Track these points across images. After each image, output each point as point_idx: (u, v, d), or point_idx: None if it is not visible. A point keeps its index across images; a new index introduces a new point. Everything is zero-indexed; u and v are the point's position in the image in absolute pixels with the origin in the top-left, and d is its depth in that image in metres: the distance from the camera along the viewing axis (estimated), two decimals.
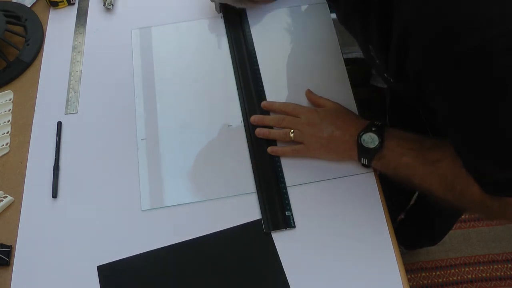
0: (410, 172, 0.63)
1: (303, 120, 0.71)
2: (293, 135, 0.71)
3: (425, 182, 0.61)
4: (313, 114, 0.72)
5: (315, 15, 0.88)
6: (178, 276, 0.66)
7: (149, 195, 0.72)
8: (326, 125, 0.69)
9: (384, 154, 0.65)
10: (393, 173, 0.65)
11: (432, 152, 0.61)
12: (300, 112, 0.73)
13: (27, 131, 0.80)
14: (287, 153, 0.73)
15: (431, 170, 0.60)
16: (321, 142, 0.69)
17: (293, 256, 0.66)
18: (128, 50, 0.88)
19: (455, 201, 0.58)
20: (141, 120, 0.79)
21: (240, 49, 0.85)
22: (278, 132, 0.73)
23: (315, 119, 0.71)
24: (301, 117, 0.72)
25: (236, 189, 0.71)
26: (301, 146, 0.71)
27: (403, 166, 0.63)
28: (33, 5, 0.97)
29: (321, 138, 0.69)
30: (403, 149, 0.64)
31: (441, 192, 0.60)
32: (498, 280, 1.42)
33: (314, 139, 0.70)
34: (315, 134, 0.70)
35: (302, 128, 0.71)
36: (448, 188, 0.58)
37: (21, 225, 0.72)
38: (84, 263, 0.67)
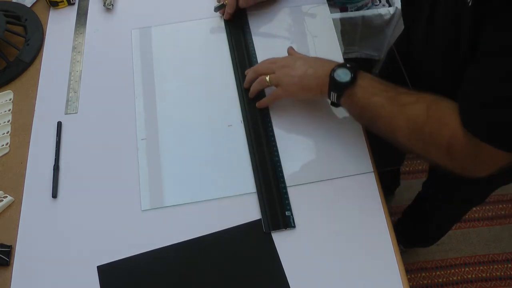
0: (377, 113, 0.63)
1: (278, 64, 0.74)
2: (268, 78, 0.74)
3: (391, 124, 0.62)
4: (287, 58, 0.75)
5: (315, 15, 0.88)
6: (178, 276, 0.66)
7: (149, 195, 0.72)
8: (300, 64, 0.71)
9: (354, 92, 0.65)
10: (359, 113, 0.66)
11: (406, 96, 0.62)
12: (277, 59, 0.76)
13: (27, 131, 0.80)
14: (267, 102, 0.76)
15: (401, 110, 0.61)
16: (294, 81, 0.71)
17: (293, 256, 0.66)
18: (128, 50, 0.88)
19: (418, 145, 0.59)
20: (141, 120, 0.79)
21: (240, 49, 0.85)
22: (256, 82, 0.76)
23: (289, 61, 0.73)
24: (276, 62, 0.75)
25: (236, 189, 0.71)
26: (277, 89, 0.73)
27: (372, 105, 0.64)
28: (33, 5, 0.97)
29: (294, 76, 0.71)
30: (375, 89, 0.64)
31: (406, 135, 0.60)
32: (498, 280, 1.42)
33: (288, 79, 0.72)
34: (288, 73, 0.72)
35: (277, 71, 0.73)
36: (416, 130, 0.59)
37: (21, 225, 0.72)
38: (84, 263, 0.67)
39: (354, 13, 1.44)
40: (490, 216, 1.52)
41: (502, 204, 1.54)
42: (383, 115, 0.63)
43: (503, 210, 1.53)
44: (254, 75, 0.77)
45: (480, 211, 1.53)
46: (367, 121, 0.66)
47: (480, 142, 0.52)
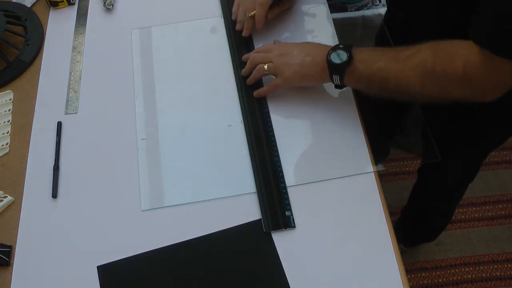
0: (384, 75, 0.64)
1: (275, 52, 0.74)
2: (266, 66, 0.74)
3: (401, 80, 0.63)
4: (283, 45, 0.76)
5: (315, 15, 0.88)
6: (178, 276, 0.66)
7: (149, 195, 0.72)
8: (297, 52, 0.72)
9: (355, 67, 0.67)
10: (367, 85, 0.67)
11: (406, 50, 0.63)
12: (272, 48, 0.76)
13: (27, 131, 0.80)
14: (266, 91, 0.76)
15: (406, 64, 0.62)
16: (294, 69, 0.71)
17: (293, 256, 0.66)
18: (128, 50, 0.88)
19: (434, 87, 0.61)
20: (141, 120, 0.79)
21: (240, 49, 0.85)
22: (255, 71, 0.76)
23: (286, 49, 0.74)
24: (272, 50, 0.75)
25: (236, 189, 0.71)
26: (277, 79, 0.74)
27: (376, 72, 0.65)
28: (33, 5, 0.97)
29: (293, 65, 0.72)
30: (374, 57, 0.66)
31: (419, 83, 0.62)
32: (498, 280, 1.42)
33: (287, 67, 0.72)
34: (287, 62, 0.72)
35: (274, 60, 0.74)
36: (427, 75, 0.61)
37: (21, 225, 0.72)
38: (84, 263, 0.67)
39: (354, 13, 1.44)
40: (490, 216, 1.52)
41: (502, 204, 1.54)
42: (390, 76, 0.64)
43: (503, 210, 1.53)
44: (251, 65, 0.78)
45: (480, 211, 1.53)
46: (377, 89, 0.67)
47: (497, 57, 0.55)
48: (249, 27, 0.84)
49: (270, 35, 0.86)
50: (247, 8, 0.83)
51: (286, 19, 0.88)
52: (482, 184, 1.57)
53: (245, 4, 0.84)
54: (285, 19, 0.88)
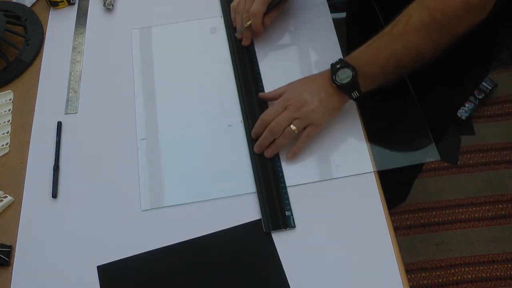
0: (394, 60, 0.66)
1: (291, 108, 0.71)
2: (295, 127, 0.70)
3: (411, 51, 0.65)
4: (291, 97, 0.72)
5: (315, 15, 0.88)
6: (178, 276, 0.66)
7: (149, 195, 0.72)
8: (309, 95, 0.71)
9: (365, 74, 0.68)
10: (385, 78, 0.69)
11: (397, 26, 0.65)
12: (281, 106, 0.72)
13: (27, 131, 0.80)
14: (303, 145, 0.72)
15: (406, 35, 0.65)
16: (320, 111, 0.71)
17: (293, 256, 0.66)
18: (128, 50, 0.88)
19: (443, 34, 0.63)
20: (141, 120, 0.79)
21: (240, 49, 0.85)
22: (283, 138, 0.71)
23: (298, 98, 0.71)
24: (286, 106, 0.71)
25: (236, 189, 0.71)
26: (309, 129, 0.71)
27: (385, 63, 0.67)
28: (33, 5, 0.97)
29: (317, 108, 0.70)
30: (374, 52, 0.68)
31: (428, 41, 0.64)
32: (498, 280, 1.42)
33: (313, 114, 0.70)
34: (310, 109, 0.70)
35: (297, 115, 0.70)
36: (431, 28, 0.63)
37: (21, 225, 0.72)
38: (84, 263, 0.67)
39: None
40: (490, 216, 1.52)
41: (502, 204, 1.54)
42: (400, 55, 0.66)
43: (503, 210, 1.53)
44: (273, 136, 0.71)
45: (480, 211, 1.53)
46: (395, 75, 0.68)
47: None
48: (248, 37, 0.84)
49: (270, 35, 0.86)
50: (244, 17, 0.83)
51: (286, 19, 0.88)
52: (482, 184, 1.57)
53: (241, 13, 0.84)
54: (285, 20, 0.88)
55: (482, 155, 1.62)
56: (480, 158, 1.62)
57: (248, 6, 0.81)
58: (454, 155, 1.63)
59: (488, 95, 1.70)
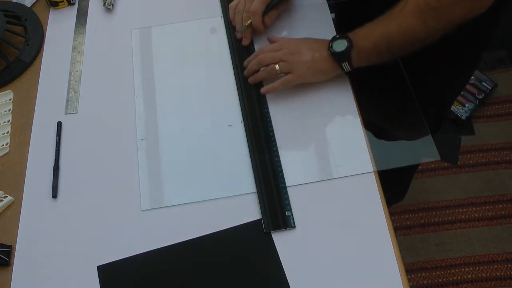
0: (388, 37, 0.69)
1: (284, 51, 0.75)
2: (278, 67, 0.75)
3: (405, 31, 0.68)
4: (291, 43, 0.77)
5: (315, 15, 0.88)
6: (178, 276, 0.66)
7: (149, 195, 0.72)
8: (305, 50, 0.75)
9: (359, 47, 0.71)
10: (377, 55, 0.71)
11: (393, 9, 0.69)
12: (277, 46, 0.77)
13: (27, 131, 0.80)
14: (278, 86, 0.76)
15: (402, 15, 0.68)
16: (307, 66, 0.75)
17: (293, 256, 0.66)
18: (128, 50, 0.88)
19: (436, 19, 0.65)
20: (141, 120, 0.79)
21: (240, 49, 0.85)
22: (265, 71, 0.77)
23: (294, 47, 0.76)
24: (281, 49, 0.76)
25: (236, 189, 0.71)
26: (290, 75, 0.75)
27: (379, 39, 0.70)
28: (33, 5, 0.97)
29: (306, 62, 0.74)
30: (371, 28, 0.71)
31: (422, 24, 0.66)
32: (498, 280, 1.42)
33: (300, 65, 0.75)
34: (300, 60, 0.75)
35: (285, 58, 0.75)
36: (425, 11, 0.65)
37: (21, 225, 0.72)
38: (84, 263, 0.67)
39: None
40: (490, 216, 1.52)
41: (502, 204, 1.54)
42: (394, 34, 0.69)
43: (503, 210, 1.53)
44: (259, 66, 0.78)
45: (480, 211, 1.53)
46: (387, 54, 0.71)
47: None
48: (248, 36, 0.85)
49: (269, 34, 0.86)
50: (244, 17, 0.83)
51: (286, 19, 0.88)
52: (482, 184, 1.57)
53: (240, 12, 0.84)
54: (284, 20, 0.88)
55: (482, 155, 1.62)
56: (480, 158, 1.62)
57: (248, 6, 0.81)
58: (454, 155, 1.63)
59: (488, 95, 1.70)
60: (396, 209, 1.55)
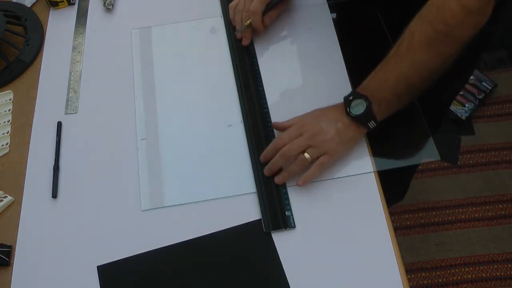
0: (404, 80, 0.66)
1: (307, 135, 0.68)
2: (309, 156, 0.68)
3: (420, 68, 0.65)
4: (307, 125, 0.69)
5: (315, 15, 0.88)
6: (178, 276, 0.66)
7: (149, 195, 0.72)
8: (327, 125, 0.69)
9: (377, 99, 0.67)
10: (398, 101, 0.68)
11: (400, 46, 0.65)
12: (297, 132, 0.69)
13: (27, 131, 0.80)
14: (315, 174, 0.69)
15: (411, 52, 0.64)
16: (336, 141, 0.68)
17: (293, 256, 0.66)
18: (128, 50, 0.88)
19: (448, 44, 0.63)
20: (141, 120, 0.79)
21: (240, 49, 0.85)
22: (295, 165, 0.69)
23: (314, 127, 0.69)
24: (301, 133, 0.69)
25: (236, 189, 0.71)
26: (323, 158, 0.68)
27: (396, 85, 0.66)
28: (33, 5, 0.97)
29: (333, 138, 0.68)
30: (384, 77, 0.67)
31: (435, 55, 0.64)
32: (498, 280, 1.42)
33: (329, 144, 0.68)
34: (326, 139, 0.68)
35: (311, 143, 0.68)
36: (435, 40, 0.63)
37: (21, 225, 0.72)
38: (84, 263, 0.67)
39: None
40: (490, 216, 1.52)
41: (502, 204, 1.54)
42: (409, 74, 0.65)
43: (503, 210, 1.53)
44: (284, 160, 0.69)
45: (480, 211, 1.53)
46: (408, 95, 0.68)
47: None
48: (248, 36, 0.84)
49: (270, 35, 0.86)
50: (243, 16, 0.83)
51: (286, 20, 0.88)
52: (482, 184, 1.57)
53: (240, 12, 0.84)
54: (284, 20, 0.88)
55: (482, 155, 1.62)
56: (480, 158, 1.62)
57: (248, 5, 0.81)
58: (454, 155, 1.63)
59: (488, 95, 1.70)
60: (396, 209, 1.55)
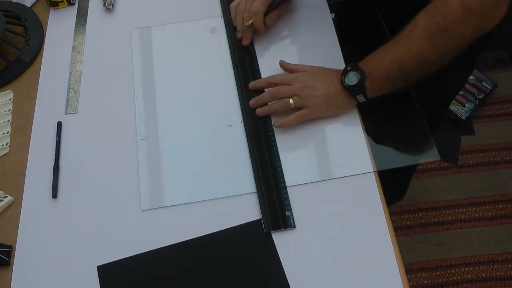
0: (399, 64, 0.67)
1: (298, 85, 0.74)
2: (292, 101, 0.73)
3: (415, 55, 0.66)
4: (304, 76, 0.75)
5: (315, 15, 0.88)
6: (178, 276, 0.66)
7: (149, 195, 0.72)
8: (319, 83, 0.73)
9: (372, 77, 0.70)
10: (390, 83, 0.70)
11: (403, 32, 0.67)
12: (291, 79, 0.75)
13: (27, 131, 0.80)
14: (293, 121, 0.74)
15: (411, 39, 0.66)
16: (321, 100, 0.73)
17: (293, 256, 0.66)
18: (128, 50, 0.88)
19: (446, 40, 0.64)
20: (141, 120, 0.79)
21: (240, 49, 0.85)
22: (278, 104, 0.75)
23: (308, 81, 0.74)
24: (294, 83, 0.74)
25: (236, 189, 0.71)
26: (304, 110, 0.73)
27: (390, 66, 0.68)
28: (33, 5, 0.97)
29: (320, 96, 0.72)
30: (381, 56, 0.69)
31: (432, 47, 0.65)
32: (498, 280, 1.42)
33: (314, 100, 0.73)
34: (313, 94, 0.73)
35: (299, 93, 0.73)
36: (434, 33, 0.64)
37: (21, 225, 0.72)
38: (84, 263, 0.67)
39: None
40: (490, 216, 1.52)
41: (502, 204, 1.54)
42: (405, 59, 0.67)
43: (503, 210, 1.53)
44: (271, 98, 0.76)
45: (480, 211, 1.53)
46: (401, 80, 0.69)
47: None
48: (248, 37, 0.84)
49: (270, 35, 0.86)
50: (245, 17, 0.83)
51: (286, 20, 0.88)
52: (482, 184, 1.57)
53: (241, 12, 0.84)
54: (284, 20, 0.88)
55: (482, 155, 1.62)
56: (480, 158, 1.62)
57: (249, 6, 0.81)
58: (454, 155, 1.63)
59: (488, 95, 1.70)
60: (396, 209, 1.55)
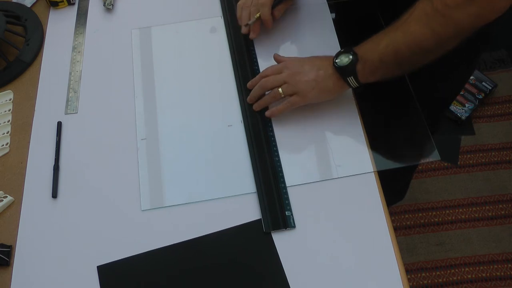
0: (394, 48, 0.65)
1: (286, 72, 0.73)
2: (282, 90, 0.73)
3: (411, 41, 0.64)
4: (292, 63, 0.74)
5: (315, 15, 0.88)
6: (178, 276, 0.66)
7: (149, 195, 0.72)
8: (309, 68, 0.72)
9: (364, 60, 0.68)
10: (384, 68, 0.68)
11: (399, 19, 0.65)
12: (280, 68, 0.74)
13: (27, 131, 0.80)
14: (282, 109, 0.74)
15: (408, 24, 0.64)
16: (312, 85, 0.71)
17: (293, 256, 0.66)
18: (128, 50, 0.88)
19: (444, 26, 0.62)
20: (141, 120, 0.79)
21: (240, 49, 0.85)
22: (269, 96, 0.75)
23: (296, 67, 0.73)
24: (283, 71, 0.73)
25: (236, 189, 0.71)
26: (294, 97, 0.73)
27: (385, 50, 0.66)
28: (33, 5, 0.97)
29: (309, 81, 0.71)
30: (376, 40, 0.68)
31: (429, 32, 0.63)
32: (498, 280, 1.42)
33: (303, 85, 0.72)
34: (302, 80, 0.72)
35: (288, 80, 0.72)
36: (432, 18, 0.62)
37: (21, 225, 0.72)
38: (84, 263, 0.67)
39: None
40: (490, 216, 1.52)
41: (502, 204, 1.54)
42: (400, 44, 0.65)
43: (503, 210, 1.53)
44: (262, 90, 0.75)
45: (480, 211, 1.53)
46: (396, 66, 0.68)
47: None
48: (256, 29, 0.84)
49: (270, 35, 0.86)
50: (251, 11, 0.82)
51: (286, 20, 0.88)
52: (482, 184, 1.57)
53: (247, 7, 0.83)
54: (284, 20, 0.88)
55: (482, 155, 1.62)
56: (480, 158, 1.62)
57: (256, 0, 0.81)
58: (454, 155, 1.63)
59: (488, 95, 1.70)
60: (396, 209, 1.54)
